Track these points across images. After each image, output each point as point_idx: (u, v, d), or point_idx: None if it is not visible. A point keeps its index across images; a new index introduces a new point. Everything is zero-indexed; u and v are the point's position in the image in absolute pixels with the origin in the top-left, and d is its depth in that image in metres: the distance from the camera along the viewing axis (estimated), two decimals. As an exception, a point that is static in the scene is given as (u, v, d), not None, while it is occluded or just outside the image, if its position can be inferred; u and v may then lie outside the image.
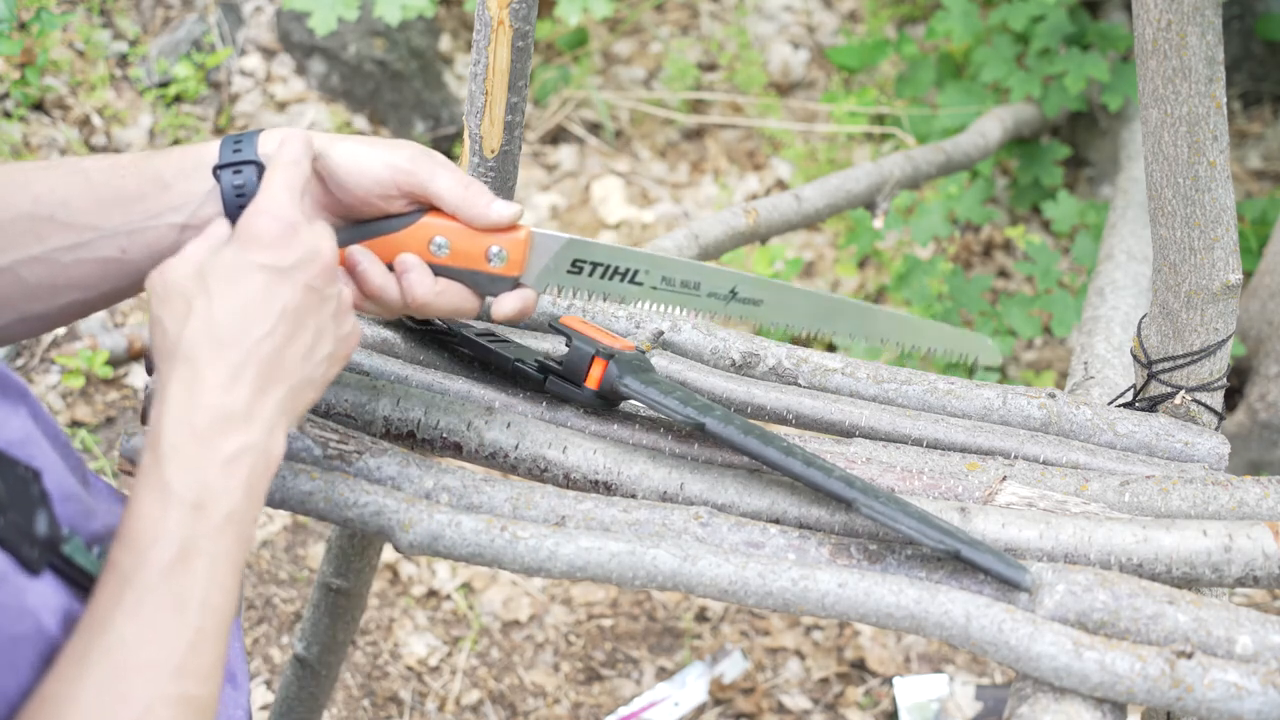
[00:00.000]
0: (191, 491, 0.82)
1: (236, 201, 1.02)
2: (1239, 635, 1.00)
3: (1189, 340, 1.23)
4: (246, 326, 0.87)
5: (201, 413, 0.84)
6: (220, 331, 0.86)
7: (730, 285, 1.11)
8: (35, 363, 2.66)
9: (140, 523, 0.81)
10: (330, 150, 1.04)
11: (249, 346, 0.87)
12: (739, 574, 1.04)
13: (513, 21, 1.25)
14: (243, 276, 0.89)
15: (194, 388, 0.85)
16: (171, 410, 0.84)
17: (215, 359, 0.86)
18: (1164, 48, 1.08)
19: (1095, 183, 3.03)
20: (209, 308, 0.87)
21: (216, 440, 0.84)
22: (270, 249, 0.90)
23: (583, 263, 1.11)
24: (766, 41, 3.50)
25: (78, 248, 1.00)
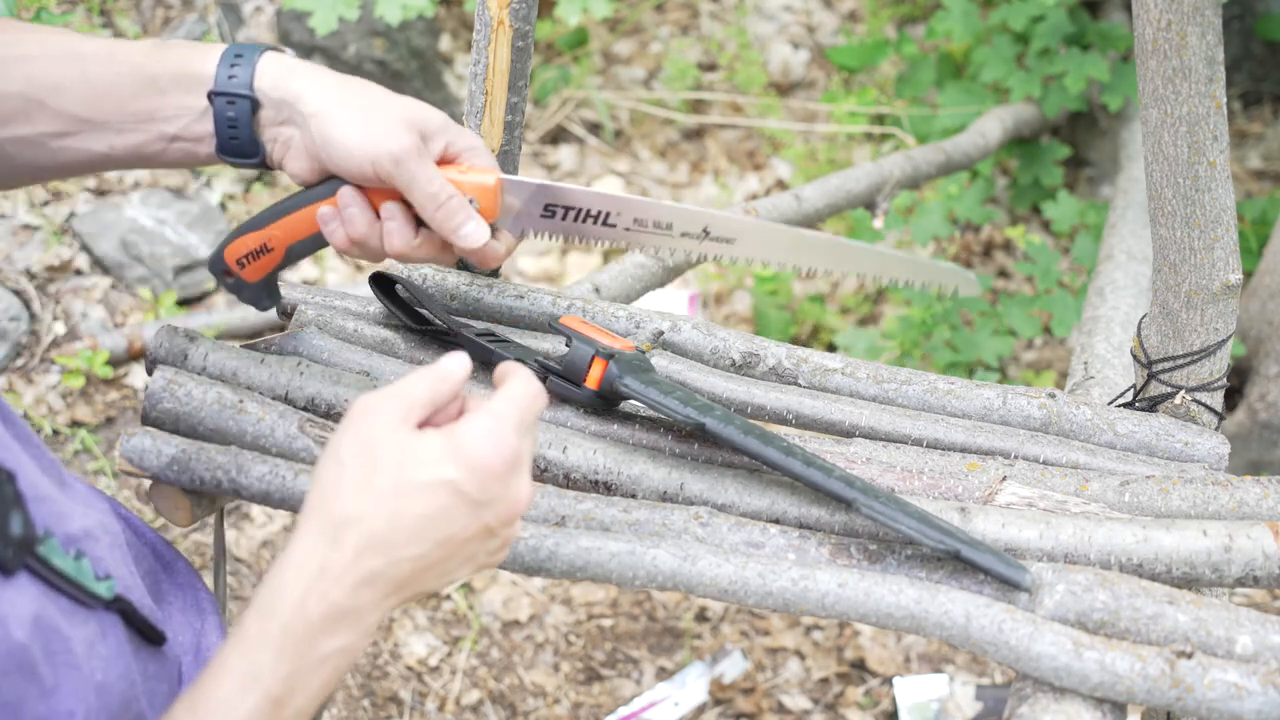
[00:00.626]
0: (279, 685, 0.80)
1: (229, 133, 1.04)
2: (1239, 635, 1.00)
3: (1189, 340, 1.23)
4: (407, 542, 0.82)
5: (321, 606, 0.80)
6: (381, 535, 0.81)
7: (702, 224, 1.13)
8: (35, 363, 2.66)
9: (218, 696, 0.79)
10: (330, 117, 1.04)
11: (397, 560, 0.82)
12: (739, 574, 1.04)
13: (513, 21, 1.25)
14: (435, 491, 0.82)
15: (326, 576, 0.81)
16: (297, 589, 0.80)
17: (361, 558, 0.81)
18: (1164, 48, 1.08)
19: (1095, 183, 3.03)
20: (390, 502, 0.81)
21: (322, 638, 0.81)
22: (478, 478, 0.82)
23: (555, 207, 1.13)
24: (766, 41, 3.50)
25: (65, 136, 1.01)
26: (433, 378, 0.85)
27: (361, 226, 1.08)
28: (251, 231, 1.13)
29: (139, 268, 2.83)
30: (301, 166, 1.09)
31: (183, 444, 1.11)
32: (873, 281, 1.11)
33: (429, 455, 0.82)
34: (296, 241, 1.13)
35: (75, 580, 0.81)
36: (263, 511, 2.49)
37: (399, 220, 1.08)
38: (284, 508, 1.10)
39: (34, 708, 0.72)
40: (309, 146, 1.06)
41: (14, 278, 2.78)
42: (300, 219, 1.11)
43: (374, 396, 0.84)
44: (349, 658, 0.82)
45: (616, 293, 1.67)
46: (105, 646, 0.84)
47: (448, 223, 1.08)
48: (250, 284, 1.16)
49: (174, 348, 1.21)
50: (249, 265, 1.14)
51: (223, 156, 1.06)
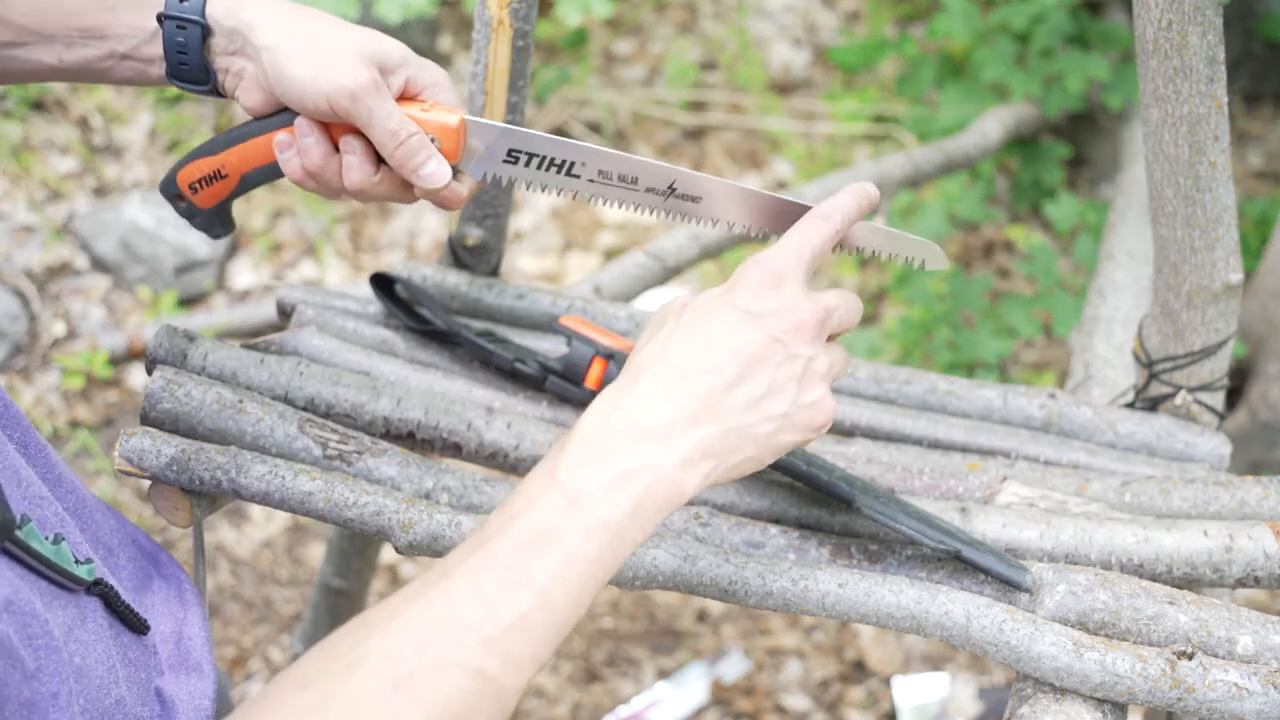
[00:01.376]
0: (575, 483, 0.80)
1: (178, 58, 1.02)
2: (1240, 635, 1.00)
3: (1190, 340, 1.22)
4: (694, 357, 0.86)
5: (620, 416, 0.83)
6: (669, 354, 0.86)
7: (668, 180, 1.10)
8: (35, 362, 2.66)
9: (520, 492, 0.81)
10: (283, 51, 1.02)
11: (690, 375, 0.85)
12: (739, 574, 1.04)
13: (513, 21, 1.24)
14: (713, 313, 0.88)
15: (624, 395, 0.85)
16: (597, 407, 0.84)
17: (654, 376, 0.85)
18: (1165, 47, 1.08)
19: (1095, 183, 3.03)
20: (671, 333, 0.87)
21: (623, 448, 0.82)
22: (747, 291, 0.89)
23: (519, 152, 1.10)
24: (766, 41, 3.50)
25: (13, 46, 1.01)
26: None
27: (317, 158, 1.05)
28: (205, 156, 1.10)
29: (139, 268, 2.83)
30: (255, 99, 1.06)
31: (182, 444, 1.11)
32: (838, 250, 1.09)
33: (706, 297, 0.90)
34: (252, 170, 1.10)
35: (55, 564, 0.81)
36: (263, 511, 2.49)
37: (358, 155, 1.06)
38: (284, 508, 1.10)
39: (18, 690, 0.72)
40: (263, 78, 1.04)
41: (14, 278, 2.78)
42: (255, 146, 1.09)
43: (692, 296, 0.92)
44: (661, 480, 0.82)
45: (616, 293, 1.67)
46: (85, 631, 0.84)
47: (408, 162, 1.06)
48: (203, 210, 1.13)
49: (173, 348, 1.21)
50: (202, 190, 1.11)
51: (173, 81, 1.05)
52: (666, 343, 0.87)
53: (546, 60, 3.35)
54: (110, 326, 2.76)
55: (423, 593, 0.78)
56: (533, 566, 0.78)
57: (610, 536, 0.80)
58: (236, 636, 2.32)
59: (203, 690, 0.99)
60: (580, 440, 0.83)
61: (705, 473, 0.85)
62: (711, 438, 0.85)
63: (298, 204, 3.02)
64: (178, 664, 0.99)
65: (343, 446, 1.13)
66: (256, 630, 2.34)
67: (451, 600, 0.77)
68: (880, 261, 1.10)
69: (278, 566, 2.43)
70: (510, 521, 0.80)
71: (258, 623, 2.35)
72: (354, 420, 1.19)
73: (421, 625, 0.76)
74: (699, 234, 1.86)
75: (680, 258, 1.85)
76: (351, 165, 1.06)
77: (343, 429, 1.15)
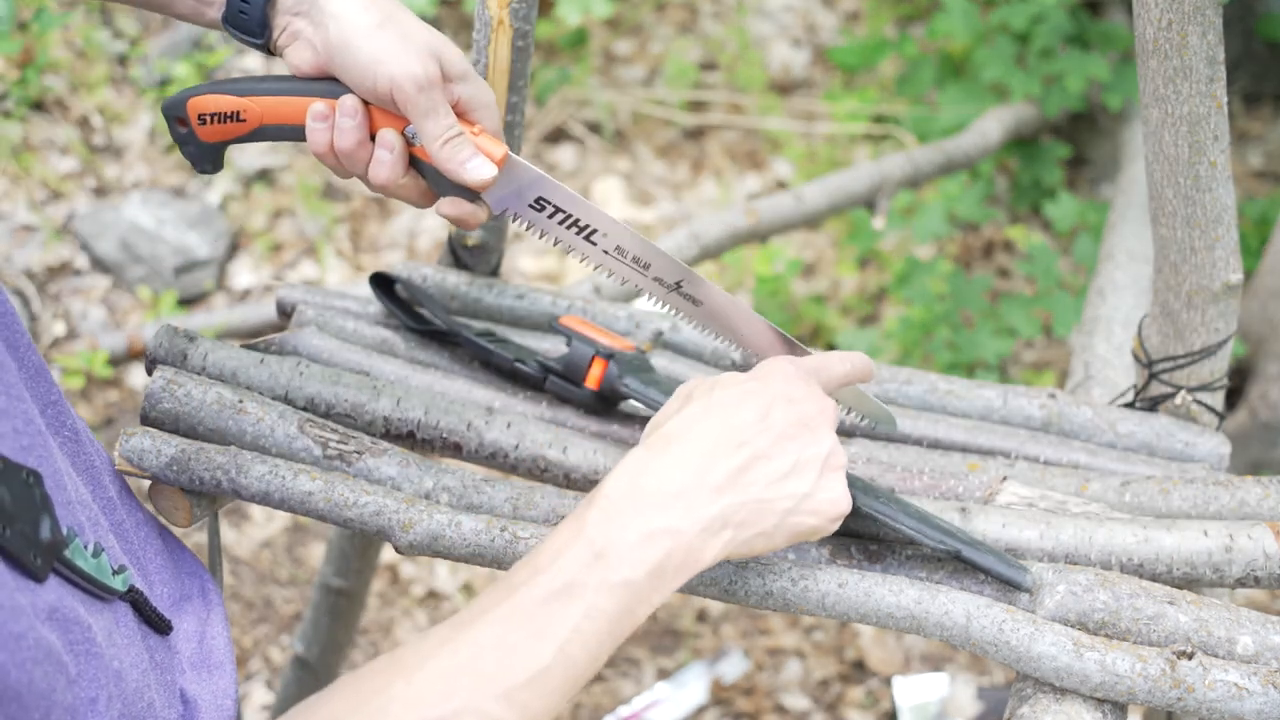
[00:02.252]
0: (600, 540, 0.83)
1: (239, 6, 1.02)
2: (1240, 635, 1.00)
3: (1190, 340, 1.22)
4: (726, 432, 0.89)
5: (650, 479, 0.86)
6: (700, 427, 0.89)
7: (677, 278, 1.11)
8: (35, 363, 2.66)
9: (547, 546, 0.84)
10: (353, 25, 1.01)
11: (720, 447, 0.88)
12: (739, 574, 1.04)
13: (513, 21, 1.24)
14: (747, 393, 0.91)
15: (656, 458, 0.87)
16: (629, 465, 0.87)
17: (685, 446, 0.88)
18: (1165, 47, 1.08)
19: (1095, 183, 3.03)
20: (705, 409, 0.90)
21: (648, 510, 0.85)
22: (779, 379, 0.93)
23: (546, 202, 1.10)
24: (766, 41, 3.50)
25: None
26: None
27: (351, 142, 1.04)
28: (228, 94, 1.06)
29: (139, 268, 2.83)
30: (304, 59, 1.04)
31: (182, 444, 1.11)
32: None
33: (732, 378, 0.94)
34: (274, 124, 1.07)
35: (95, 579, 0.82)
36: (263, 511, 2.49)
37: (394, 154, 1.05)
38: (284, 508, 1.10)
39: (62, 696, 0.73)
40: (323, 45, 1.03)
41: (14, 278, 2.78)
42: (288, 104, 1.06)
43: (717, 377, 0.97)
44: (681, 545, 0.85)
45: (616, 293, 1.67)
46: (120, 635, 0.85)
47: (455, 157, 1.05)
48: (201, 143, 1.09)
49: (173, 348, 1.21)
50: (210, 125, 1.08)
51: (226, 27, 1.04)
52: (698, 417, 0.90)
53: (546, 60, 3.35)
54: (110, 326, 2.76)
55: (451, 638, 0.80)
56: (556, 620, 0.81)
57: (630, 597, 0.83)
58: (236, 636, 2.32)
59: (225, 689, 0.99)
60: (608, 498, 0.85)
61: (725, 541, 0.87)
62: (733, 507, 0.87)
63: (298, 204, 3.02)
64: (200, 663, 1.00)
65: (343, 446, 1.13)
66: (256, 630, 2.34)
67: (477, 649, 0.80)
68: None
69: (278, 566, 2.43)
70: (536, 574, 0.82)
71: (258, 623, 2.35)
72: (354, 420, 1.19)
73: (447, 673, 0.79)
74: (699, 234, 1.86)
75: (680, 258, 1.85)
76: (384, 161, 1.04)
77: (343, 429, 1.15)
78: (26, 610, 0.71)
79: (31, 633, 0.70)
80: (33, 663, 0.70)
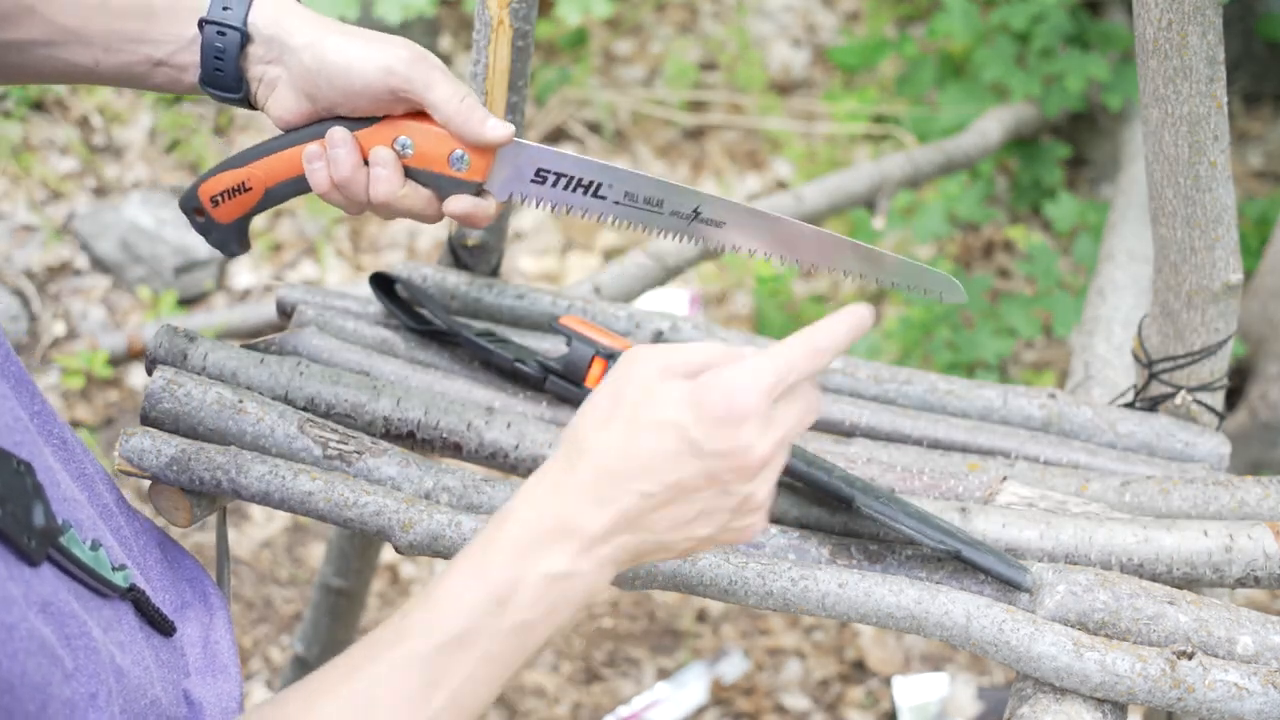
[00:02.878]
0: (503, 585, 0.82)
1: (214, 64, 1.03)
2: (1240, 635, 1.00)
3: (1190, 340, 1.22)
4: (635, 475, 0.85)
5: (550, 520, 0.84)
6: (612, 464, 0.85)
7: (694, 205, 1.10)
8: (35, 362, 2.66)
9: (446, 587, 0.83)
10: (323, 44, 1.02)
11: (625, 492, 0.85)
12: (739, 574, 1.04)
13: (513, 21, 1.24)
14: (664, 431, 0.84)
15: (558, 493, 0.85)
16: (529, 503, 0.85)
17: (592, 483, 0.84)
18: (1165, 47, 1.08)
19: (1095, 183, 3.03)
20: (623, 437, 0.85)
21: (550, 552, 0.83)
22: (704, 426, 0.84)
23: (546, 172, 1.10)
24: (766, 41, 3.50)
25: (52, 45, 1.01)
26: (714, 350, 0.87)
27: (347, 169, 1.05)
28: (230, 169, 1.09)
29: (139, 268, 2.83)
30: (286, 107, 1.06)
31: (182, 444, 1.11)
32: (858, 280, 1.09)
33: (667, 398, 0.85)
34: (277, 183, 1.09)
35: (94, 571, 0.82)
36: (263, 511, 2.49)
37: (389, 168, 1.05)
38: (284, 508, 1.10)
39: (59, 690, 0.73)
40: (301, 82, 1.04)
41: (14, 278, 2.78)
42: (284, 159, 1.08)
43: (643, 347, 0.88)
44: (579, 585, 0.84)
45: (616, 293, 1.67)
46: (120, 632, 0.85)
47: (472, 116, 1.05)
48: (221, 225, 1.12)
49: (174, 348, 1.21)
50: (223, 204, 1.11)
51: (205, 88, 1.05)
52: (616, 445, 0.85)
53: (546, 60, 3.35)
54: (110, 326, 2.76)
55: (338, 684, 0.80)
56: (450, 668, 0.81)
57: (526, 637, 0.83)
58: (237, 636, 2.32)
59: (229, 692, 0.99)
60: (513, 538, 0.84)
61: (617, 570, 0.87)
62: (632, 544, 0.86)
63: (298, 204, 3.02)
64: (204, 667, 1.00)
65: (343, 446, 1.13)
66: (256, 630, 2.34)
67: (368, 697, 0.80)
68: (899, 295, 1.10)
69: (278, 566, 2.43)
70: (434, 619, 0.82)
71: (258, 623, 2.35)
72: (354, 420, 1.19)
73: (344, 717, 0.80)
74: (699, 234, 1.86)
75: (680, 258, 1.85)
76: (380, 178, 1.05)
77: (343, 429, 1.15)
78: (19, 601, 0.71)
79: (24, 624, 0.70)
80: (26, 654, 0.69)
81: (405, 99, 1.04)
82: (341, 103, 1.05)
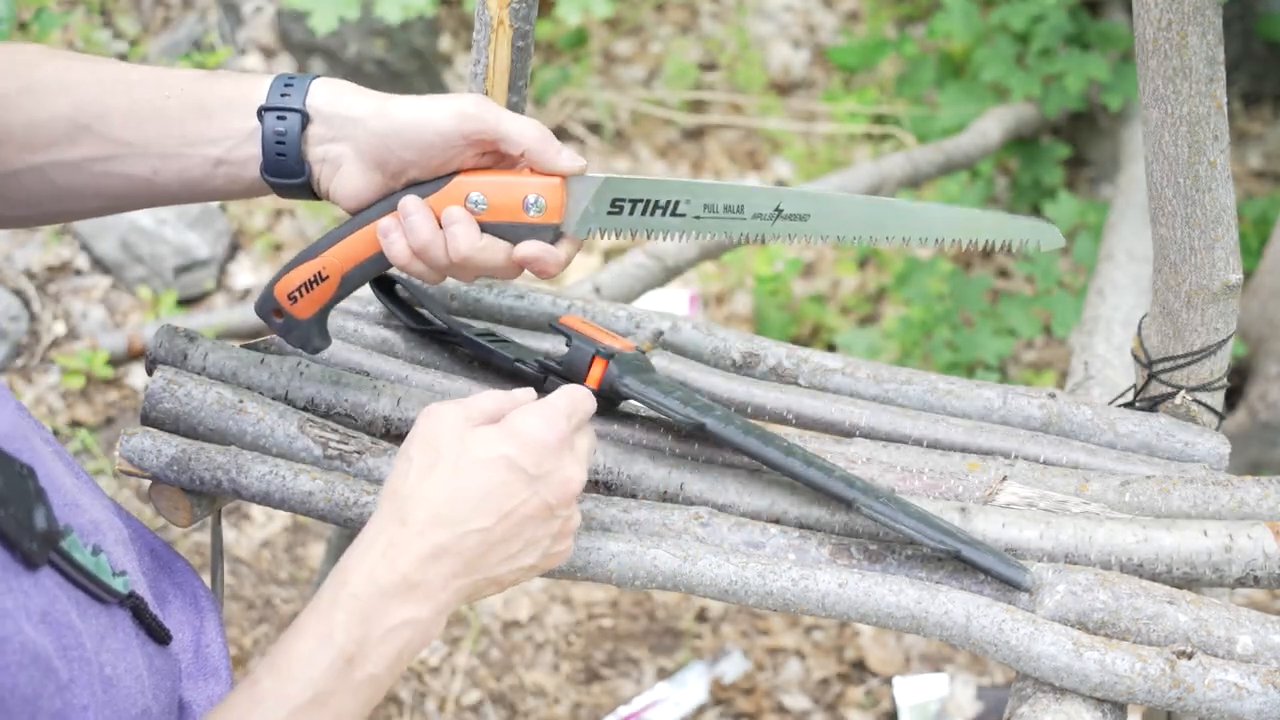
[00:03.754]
0: (351, 645, 0.86)
1: (275, 149, 1.02)
2: (1239, 635, 1.00)
3: (1189, 340, 1.22)
4: (469, 515, 0.90)
5: (390, 575, 0.88)
6: (444, 509, 0.90)
7: (775, 203, 1.08)
8: (35, 362, 2.66)
9: (294, 651, 0.86)
10: (388, 107, 1.02)
11: (461, 534, 0.90)
12: (739, 574, 1.04)
13: (513, 21, 1.25)
14: (492, 466, 0.91)
15: (395, 548, 0.89)
16: (368, 560, 0.88)
17: (427, 532, 0.89)
18: (1164, 47, 1.08)
19: (1095, 183, 3.03)
20: (450, 481, 0.91)
21: (392, 605, 0.87)
22: (531, 452, 0.92)
23: (622, 201, 1.08)
24: (766, 41, 3.50)
25: (109, 160, 1.01)
26: (498, 396, 0.97)
27: (426, 234, 1.03)
28: (305, 262, 1.07)
29: (139, 268, 2.83)
30: (354, 184, 1.05)
31: (183, 444, 1.11)
32: (951, 247, 1.09)
33: (486, 438, 0.92)
34: (353, 267, 1.07)
35: (94, 575, 0.82)
36: (263, 511, 2.49)
37: (463, 223, 1.04)
38: (284, 508, 1.10)
39: (50, 702, 0.73)
40: (370, 151, 1.03)
41: (14, 278, 2.78)
42: (358, 240, 1.06)
43: (439, 404, 0.95)
44: (420, 631, 0.89)
45: (616, 293, 1.67)
46: (115, 640, 0.85)
47: (548, 148, 1.04)
48: (301, 321, 1.10)
49: (174, 348, 1.21)
50: (301, 299, 1.08)
51: (267, 178, 1.03)
52: (443, 486, 0.91)
53: (546, 60, 3.35)
54: (110, 326, 2.76)
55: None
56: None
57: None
58: (237, 637, 2.32)
59: (221, 695, 1.00)
60: (355, 597, 0.87)
61: (449, 611, 0.92)
62: (466, 586, 0.91)
63: (298, 204, 3.02)
64: (196, 671, 1.00)
65: (343, 446, 1.13)
66: (256, 630, 2.34)
67: None
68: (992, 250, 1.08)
69: (278, 566, 2.43)
70: (286, 684, 0.85)
71: (258, 623, 2.35)
72: (354, 420, 1.19)
73: None
74: (699, 234, 1.86)
75: (680, 258, 1.85)
76: (457, 235, 1.04)
77: (343, 429, 1.15)
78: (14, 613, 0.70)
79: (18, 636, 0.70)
80: (18, 667, 0.69)
81: (479, 141, 1.04)
82: (415, 161, 1.03)
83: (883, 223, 1.09)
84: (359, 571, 0.88)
